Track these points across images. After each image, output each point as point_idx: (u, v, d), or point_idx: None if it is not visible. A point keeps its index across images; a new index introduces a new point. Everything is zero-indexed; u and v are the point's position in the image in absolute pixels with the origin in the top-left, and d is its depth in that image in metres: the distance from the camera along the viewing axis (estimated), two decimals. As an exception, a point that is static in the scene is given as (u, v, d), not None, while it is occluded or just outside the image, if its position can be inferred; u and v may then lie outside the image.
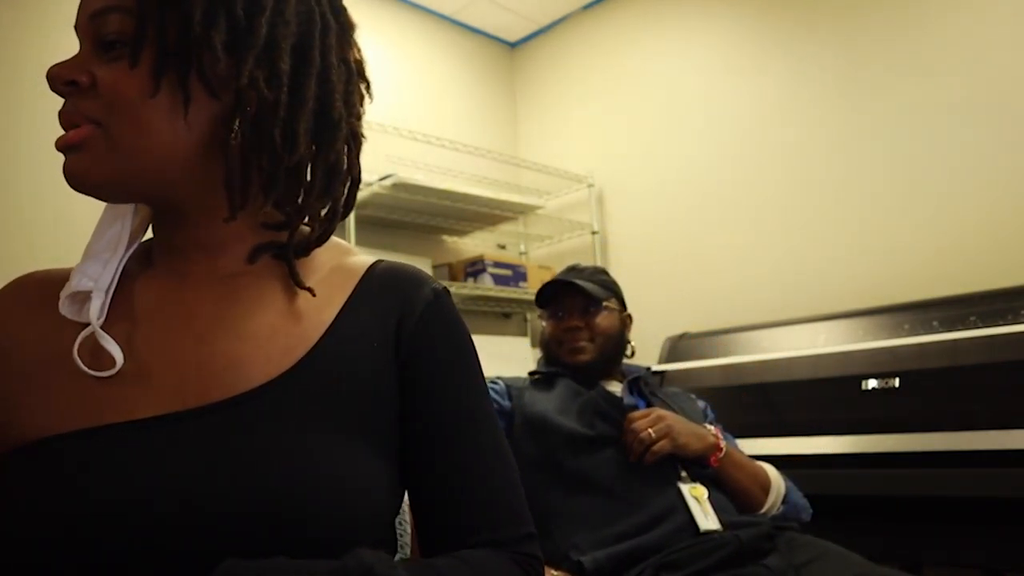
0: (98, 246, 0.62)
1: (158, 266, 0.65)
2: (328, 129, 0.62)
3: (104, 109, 0.56)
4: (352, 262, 0.69)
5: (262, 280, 0.64)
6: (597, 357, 1.55)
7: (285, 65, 0.59)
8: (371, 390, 0.62)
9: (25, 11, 2.16)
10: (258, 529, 0.51)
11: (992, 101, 2.20)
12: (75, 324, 0.59)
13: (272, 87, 0.58)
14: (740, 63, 2.79)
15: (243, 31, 0.57)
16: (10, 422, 0.57)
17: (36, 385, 0.58)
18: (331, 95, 0.62)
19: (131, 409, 0.56)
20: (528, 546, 0.64)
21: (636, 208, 3.07)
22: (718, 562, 1.19)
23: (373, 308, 0.65)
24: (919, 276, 2.25)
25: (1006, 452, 1.59)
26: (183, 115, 0.57)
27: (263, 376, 0.58)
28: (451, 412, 0.64)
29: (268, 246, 0.64)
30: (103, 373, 0.57)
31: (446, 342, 0.66)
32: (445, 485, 0.63)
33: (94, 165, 0.57)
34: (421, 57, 3.24)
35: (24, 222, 2.09)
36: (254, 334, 0.60)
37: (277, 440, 0.55)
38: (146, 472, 0.53)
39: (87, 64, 0.57)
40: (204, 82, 0.57)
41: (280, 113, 0.59)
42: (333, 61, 0.63)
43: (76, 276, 0.60)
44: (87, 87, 0.56)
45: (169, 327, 0.61)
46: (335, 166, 0.64)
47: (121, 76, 0.56)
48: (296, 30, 0.60)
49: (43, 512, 0.51)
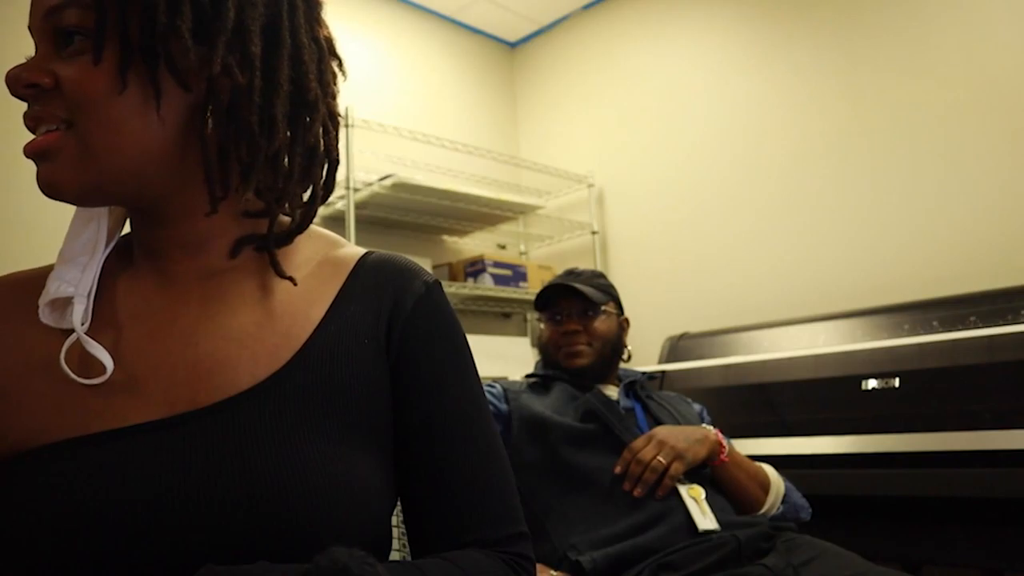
0: (73, 249, 0.60)
1: (139, 266, 0.63)
2: (305, 112, 0.60)
3: (72, 109, 0.54)
4: (341, 254, 0.67)
5: (247, 276, 0.62)
6: (595, 361, 1.55)
7: (256, 48, 0.56)
8: (362, 387, 0.60)
9: (25, 10, 2.15)
10: (252, 533, 0.51)
11: (992, 101, 2.20)
12: (55, 330, 0.58)
13: (245, 72, 0.56)
14: (740, 63, 2.79)
15: (210, 17, 0.55)
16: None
17: (19, 394, 0.56)
18: (305, 76, 0.59)
19: (120, 416, 0.55)
20: (519, 546, 0.63)
21: (636, 208, 3.07)
22: (716, 562, 1.19)
23: (363, 302, 0.64)
24: (919, 276, 2.25)
25: (1006, 452, 1.59)
26: (155, 109, 0.55)
27: (252, 378, 0.57)
28: (442, 408, 0.63)
29: (250, 238, 0.62)
30: (92, 381, 0.55)
31: (438, 337, 0.65)
32: (435, 483, 0.62)
33: (68, 172, 0.55)
34: (421, 57, 3.24)
35: (24, 222, 2.09)
36: (241, 335, 0.59)
37: (268, 443, 0.54)
38: (139, 479, 0.52)
39: (47, 64, 0.55)
40: (174, 74, 0.55)
41: (255, 99, 0.56)
42: (304, 40, 0.60)
43: (54, 282, 0.58)
44: (50, 88, 0.54)
45: (154, 330, 0.59)
46: (313, 149, 0.62)
47: (85, 73, 0.53)
48: (264, 11, 0.57)
49: (40, 521, 0.50)
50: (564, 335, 1.56)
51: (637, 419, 1.50)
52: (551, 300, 1.60)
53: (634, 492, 1.30)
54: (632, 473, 1.32)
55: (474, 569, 0.57)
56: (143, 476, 0.52)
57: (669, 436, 1.37)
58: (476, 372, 0.68)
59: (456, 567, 0.57)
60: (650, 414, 1.52)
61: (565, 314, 1.57)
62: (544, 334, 1.61)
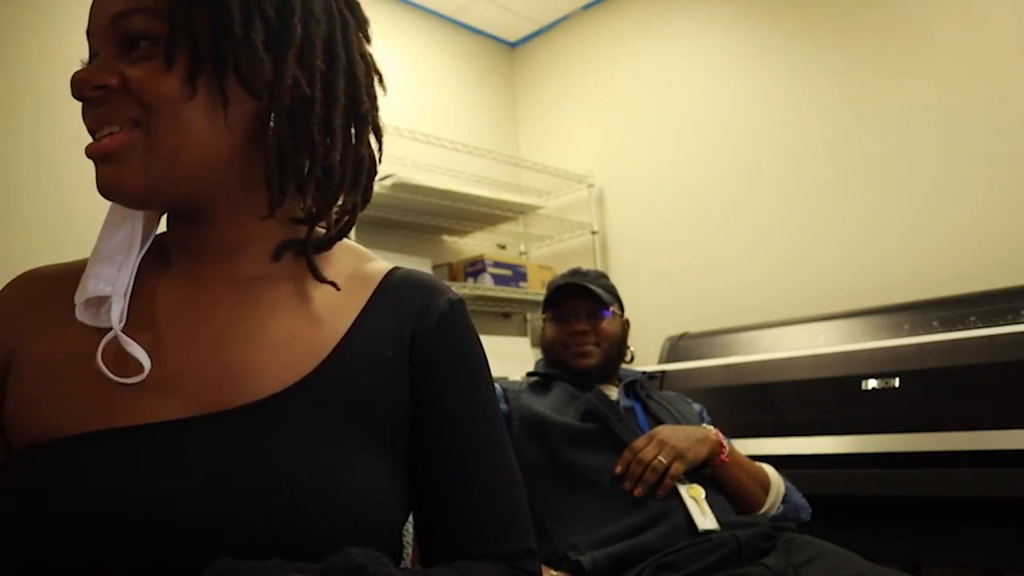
0: (108, 248, 0.61)
1: (173, 267, 0.64)
2: (357, 124, 0.63)
3: (142, 110, 0.55)
4: (369, 268, 0.69)
5: (279, 283, 0.64)
6: (602, 362, 1.55)
7: (320, 63, 0.59)
8: (384, 400, 0.62)
9: (24, 11, 2.16)
10: (268, 534, 0.52)
11: (992, 101, 2.20)
12: (89, 327, 0.59)
13: (310, 85, 0.59)
14: (740, 63, 2.79)
15: (279, 31, 0.57)
16: (24, 421, 0.57)
17: (50, 385, 0.58)
18: (358, 90, 0.63)
19: (147, 412, 0.56)
20: (528, 562, 0.64)
21: (636, 208, 3.07)
22: (716, 562, 1.19)
23: (389, 316, 0.65)
24: (919, 276, 2.25)
25: (1006, 452, 1.59)
26: (223, 116, 0.57)
27: (279, 384, 0.58)
28: (461, 423, 0.65)
29: (291, 243, 0.64)
30: (129, 380, 0.56)
31: (460, 354, 0.67)
32: (449, 495, 0.63)
33: (133, 174, 0.56)
34: (421, 57, 3.24)
35: (24, 222, 2.09)
36: (271, 340, 0.60)
37: (290, 448, 0.55)
38: (162, 474, 0.53)
39: (113, 67, 0.56)
40: (243, 83, 0.57)
41: (317, 110, 0.59)
42: (355, 56, 0.63)
43: (91, 280, 0.59)
44: (118, 89, 0.55)
45: (186, 331, 0.60)
46: (362, 159, 0.65)
47: (156, 76, 0.55)
48: (325, 27, 0.61)
49: (62, 510, 0.51)
50: (572, 335, 1.55)
51: (637, 419, 1.50)
52: (558, 299, 1.59)
53: (634, 492, 1.30)
54: (633, 473, 1.32)
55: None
56: (166, 471, 0.53)
57: (670, 436, 1.37)
58: (494, 389, 0.70)
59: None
60: (650, 414, 1.52)
61: (573, 314, 1.57)
62: (549, 333, 1.60)
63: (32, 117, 2.11)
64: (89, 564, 0.50)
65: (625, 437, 1.39)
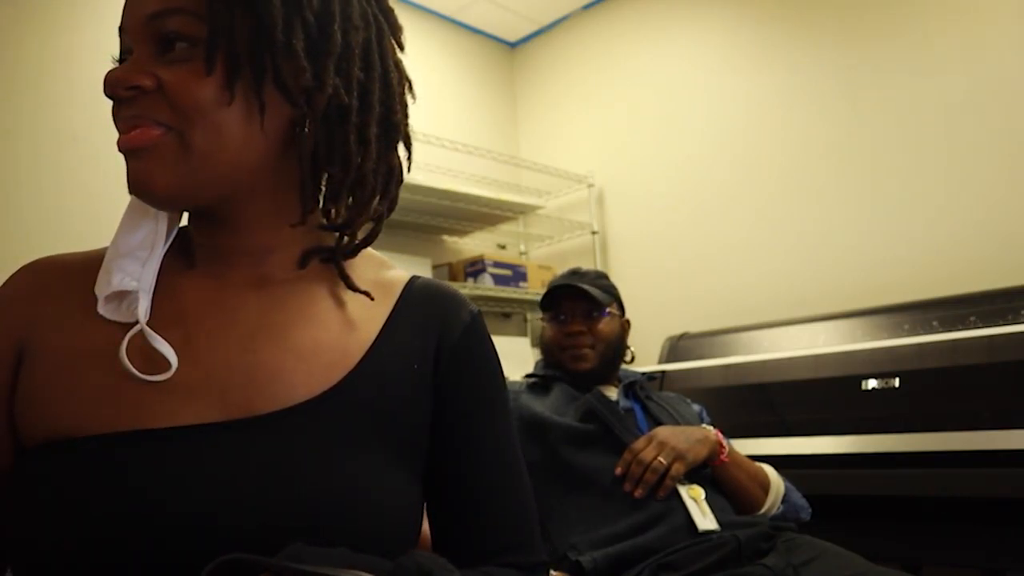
0: (131, 243, 0.59)
1: (195, 267, 0.63)
2: (391, 133, 0.63)
3: (176, 114, 0.54)
4: (390, 276, 0.69)
5: (306, 289, 0.63)
6: (598, 364, 1.54)
7: (358, 71, 0.59)
8: (408, 411, 0.62)
9: (25, 10, 2.16)
10: (292, 541, 0.51)
11: (991, 101, 2.20)
12: (110, 321, 0.57)
13: (348, 94, 0.58)
14: (740, 63, 2.79)
15: (318, 38, 0.57)
16: (41, 416, 0.56)
17: (70, 380, 0.56)
18: (392, 99, 0.63)
19: (174, 414, 0.55)
20: (543, 574, 0.66)
21: (636, 208, 3.07)
22: (716, 562, 1.19)
23: (413, 326, 0.65)
24: (919, 276, 2.25)
25: (1006, 452, 1.59)
26: (259, 122, 0.56)
27: (306, 392, 0.58)
28: (481, 434, 0.65)
29: (317, 250, 0.63)
30: (156, 377, 0.55)
31: (482, 365, 0.67)
32: (466, 504, 0.64)
33: (164, 174, 0.55)
34: (421, 57, 3.24)
35: (24, 221, 2.09)
36: (299, 347, 0.60)
37: (319, 456, 0.55)
38: (203, 483, 0.52)
39: (147, 67, 0.54)
40: (281, 89, 0.56)
41: (353, 119, 0.59)
42: (390, 64, 0.63)
43: (116, 275, 0.57)
44: (152, 90, 0.54)
45: (212, 332, 0.59)
46: (393, 168, 0.65)
47: (193, 81, 0.54)
48: (363, 35, 0.60)
49: (86, 511, 0.50)
50: (568, 336, 1.55)
51: (637, 419, 1.50)
52: (555, 300, 1.59)
53: (635, 493, 1.30)
54: (633, 474, 1.32)
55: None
56: (203, 478, 0.52)
57: (670, 437, 1.37)
58: (509, 399, 0.71)
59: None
60: (650, 414, 1.52)
61: (570, 315, 1.57)
62: (547, 334, 1.60)
63: (32, 117, 2.10)
64: (121, 566, 0.49)
65: (625, 438, 1.38)
